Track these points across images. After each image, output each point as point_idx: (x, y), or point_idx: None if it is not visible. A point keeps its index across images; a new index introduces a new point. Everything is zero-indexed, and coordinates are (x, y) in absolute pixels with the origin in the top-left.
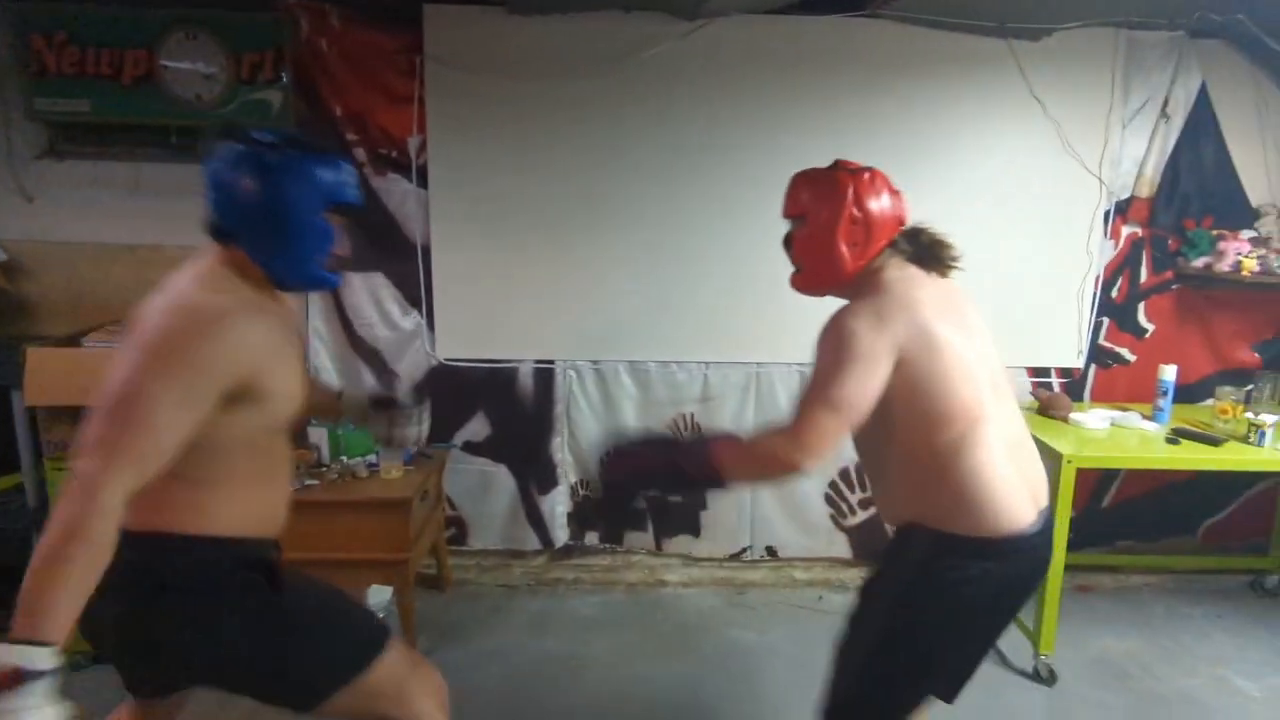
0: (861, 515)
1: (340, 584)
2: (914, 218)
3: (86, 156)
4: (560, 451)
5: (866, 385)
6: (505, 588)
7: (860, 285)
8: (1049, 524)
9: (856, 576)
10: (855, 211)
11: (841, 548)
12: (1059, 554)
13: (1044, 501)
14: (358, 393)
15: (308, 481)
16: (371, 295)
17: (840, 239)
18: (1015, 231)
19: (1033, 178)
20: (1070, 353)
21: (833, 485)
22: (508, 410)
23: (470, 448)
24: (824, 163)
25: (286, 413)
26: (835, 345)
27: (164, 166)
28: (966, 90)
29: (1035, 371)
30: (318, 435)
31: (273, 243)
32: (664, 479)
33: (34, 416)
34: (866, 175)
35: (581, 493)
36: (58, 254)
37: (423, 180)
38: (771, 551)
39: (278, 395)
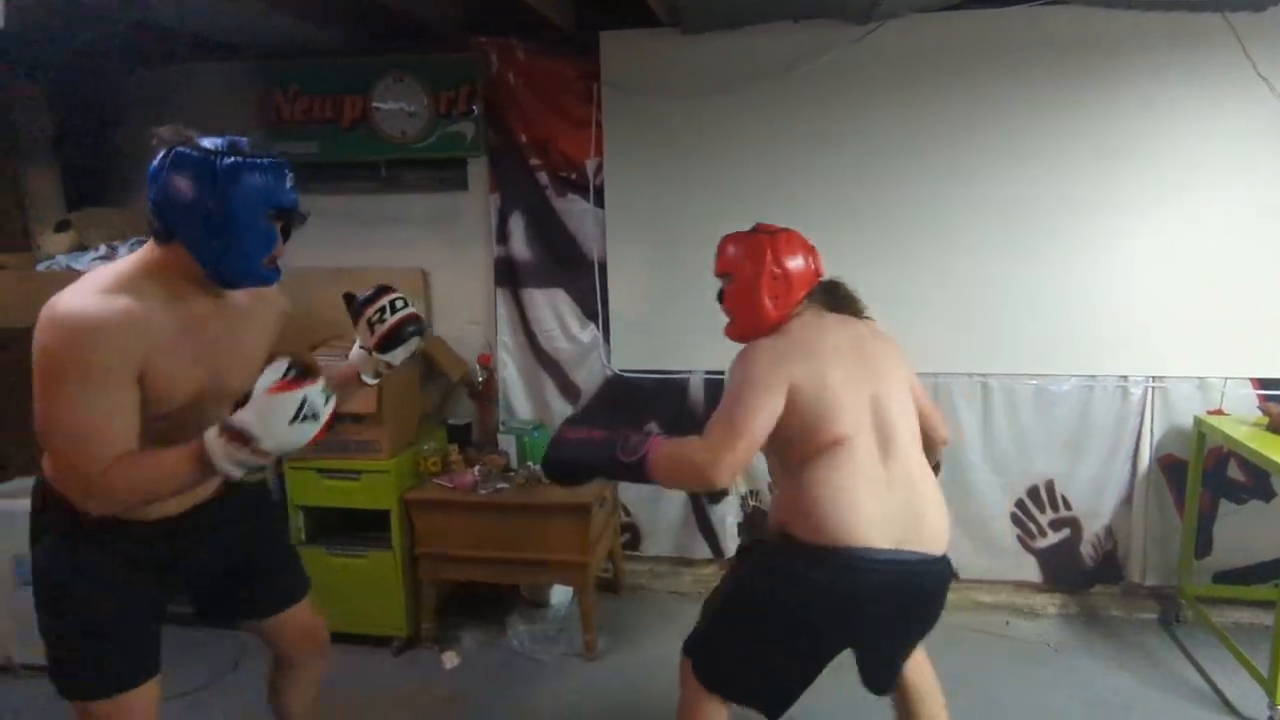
0: (1053, 537)
1: (527, 581)
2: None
3: (311, 191)
4: None
5: (763, 412)
6: (676, 594)
7: (777, 328)
8: (910, 562)
9: (1048, 602)
10: (775, 269)
11: (1031, 571)
12: None
13: (914, 544)
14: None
15: (499, 485)
16: (553, 309)
17: (764, 293)
18: (1236, 224)
19: (1258, 164)
20: None
21: (1020, 504)
22: (679, 420)
23: None
24: (1014, 165)
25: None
26: (741, 377)
27: (372, 198)
28: (1175, 72)
29: (1262, 383)
30: (506, 442)
31: (216, 244)
32: (601, 463)
33: None
34: (783, 236)
35: (751, 504)
36: (290, 278)
37: (599, 200)
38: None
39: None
